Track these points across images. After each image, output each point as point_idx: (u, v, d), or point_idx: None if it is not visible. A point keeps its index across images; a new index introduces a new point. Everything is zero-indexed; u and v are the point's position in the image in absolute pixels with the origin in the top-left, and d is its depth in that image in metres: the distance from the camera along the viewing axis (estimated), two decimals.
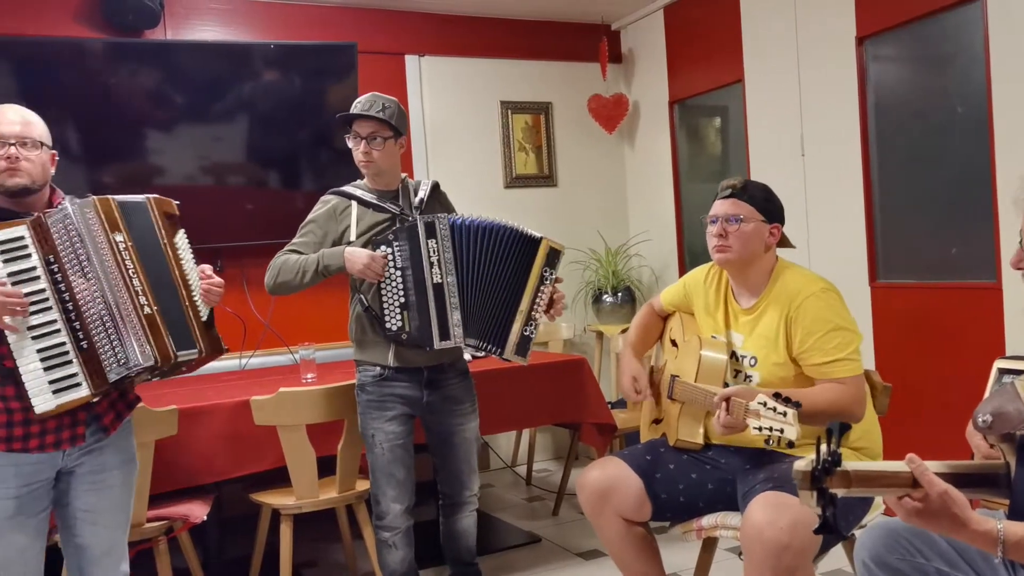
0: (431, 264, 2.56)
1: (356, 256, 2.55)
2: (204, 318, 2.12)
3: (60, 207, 2.01)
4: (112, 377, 1.97)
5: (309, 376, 3.34)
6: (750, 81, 4.26)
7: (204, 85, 4.06)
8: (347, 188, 2.74)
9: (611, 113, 5.01)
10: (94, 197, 2.03)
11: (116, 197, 2.08)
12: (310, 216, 2.73)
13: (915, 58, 3.55)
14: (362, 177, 2.76)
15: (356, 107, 2.65)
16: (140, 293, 1.99)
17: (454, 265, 2.58)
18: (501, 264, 2.60)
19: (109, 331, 1.97)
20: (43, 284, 1.94)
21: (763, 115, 4.20)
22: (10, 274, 1.91)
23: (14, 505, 2.00)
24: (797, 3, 3.93)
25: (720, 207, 2.30)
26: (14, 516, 2.01)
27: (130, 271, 2.00)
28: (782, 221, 2.34)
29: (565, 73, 5.08)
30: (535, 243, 2.61)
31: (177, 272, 2.09)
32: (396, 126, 2.65)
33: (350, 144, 2.68)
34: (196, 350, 2.08)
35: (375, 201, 2.69)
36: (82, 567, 2.15)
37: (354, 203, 2.69)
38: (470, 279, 2.59)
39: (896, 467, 1.37)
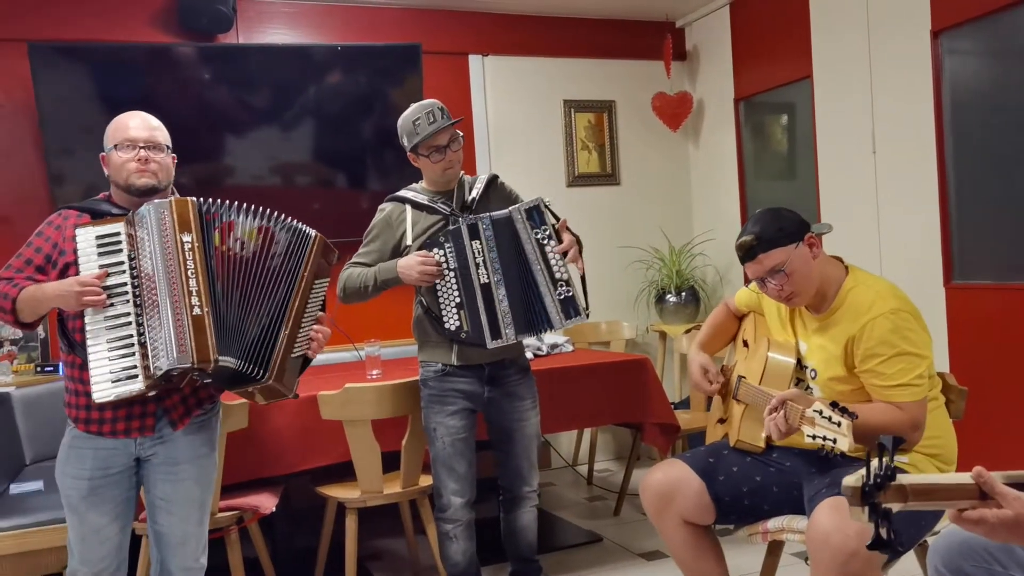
0: (476, 265, 2.59)
1: (408, 267, 2.59)
2: (293, 355, 2.16)
3: (144, 205, 2.09)
4: (157, 371, 2.00)
5: (375, 372, 3.39)
6: (819, 77, 4.17)
7: (274, 87, 4.16)
8: (401, 192, 2.77)
9: (675, 111, 4.96)
10: (174, 198, 2.10)
11: (293, 221, 2.18)
12: (370, 227, 2.78)
13: (993, 52, 3.43)
14: (419, 180, 2.80)
15: (421, 125, 2.62)
16: (194, 293, 2.03)
17: (500, 263, 2.59)
18: (517, 248, 2.60)
19: (160, 326, 2.01)
20: (125, 278, 2.04)
21: (832, 112, 4.12)
22: (101, 266, 2.03)
23: (87, 486, 2.11)
24: None
25: (754, 270, 2.20)
26: (88, 496, 2.12)
27: (189, 271, 2.04)
28: (807, 226, 2.22)
29: (629, 71, 5.06)
30: (509, 220, 2.58)
31: (296, 304, 2.14)
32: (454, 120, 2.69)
33: (428, 160, 2.67)
34: (264, 372, 2.09)
35: (427, 203, 2.71)
36: (161, 553, 2.24)
37: (408, 206, 2.72)
38: (509, 273, 2.60)
39: (958, 479, 1.31)
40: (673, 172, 5.22)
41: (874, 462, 1.28)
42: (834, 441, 1.92)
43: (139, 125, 2.17)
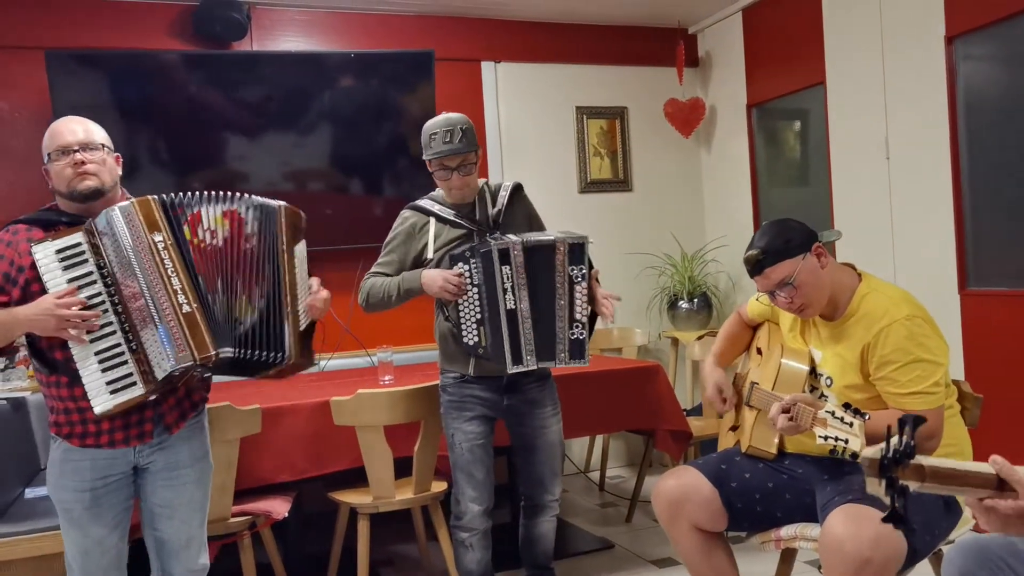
0: (504, 291, 2.58)
1: (432, 281, 2.59)
2: (303, 327, 2.14)
3: (105, 211, 2.04)
4: (159, 375, 2.00)
5: (387, 378, 3.40)
6: (832, 83, 4.16)
7: (287, 94, 4.18)
8: (424, 203, 2.76)
9: (687, 117, 4.96)
10: (135, 199, 2.06)
11: (255, 198, 2.13)
12: (390, 235, 2.77)
13: (1008, 57, 3.41)
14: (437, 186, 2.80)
15: (436, 141, 2.62)
16: (179, 292, 2.00)
17: (527, 290, 2.58)
18: (549, 277, 2.59)
19: (152, 330, 2.00)
20: (99, 288, 2.00)
21: (846, 118, 4.10)
22: (70, 280, 1.98)
23: (90, 497, 2.09)
24: (883, 2, 3.83)
25: (763, 284, 2.21)
26: (91, 507, 2.09)
27: (169, 270, 2.01)
28: (814, 237, 2.22)
29: (641, 77, 5.06)
30: (551, 247, 2.59)
31: (288, 279, 2.11)
32: (477, 147, 2.67)
33: (437, 174, 2.67)
34: (284, 354, 2.09)
35: (452, 217, 2.70)
36: (163, 559, 2.23)
37: (432, 219, 2.72)
38: (536, 300, 2.59)
39: (977, 467, 1.32)
40: (685, 178, 5.21)
41: (894, 439, 1.28)
42: (846, 442, 1.91)
43: (70, 129, 2.11)
